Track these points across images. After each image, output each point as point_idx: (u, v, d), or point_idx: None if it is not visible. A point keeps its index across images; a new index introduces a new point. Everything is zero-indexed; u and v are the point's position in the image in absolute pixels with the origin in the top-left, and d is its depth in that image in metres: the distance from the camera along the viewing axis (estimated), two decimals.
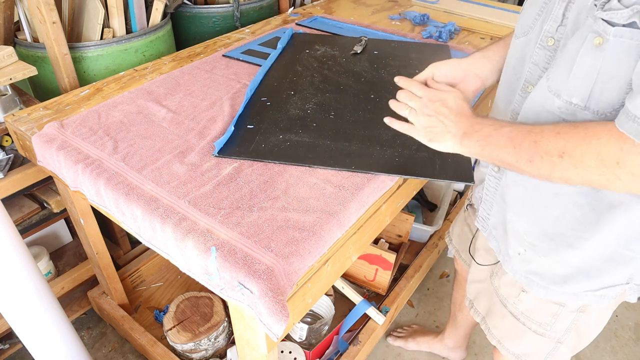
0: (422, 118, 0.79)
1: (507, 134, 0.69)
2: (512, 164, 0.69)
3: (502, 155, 0.69)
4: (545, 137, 0.65)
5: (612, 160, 0.59)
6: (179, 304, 1.52)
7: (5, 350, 1.51)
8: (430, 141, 0.79)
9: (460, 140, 0.75)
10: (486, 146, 0.71)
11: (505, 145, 0.69)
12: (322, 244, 0.79)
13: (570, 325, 0.87)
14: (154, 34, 1.53)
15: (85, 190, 0.97)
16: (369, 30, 1.70)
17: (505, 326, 0.96)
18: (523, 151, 0.66)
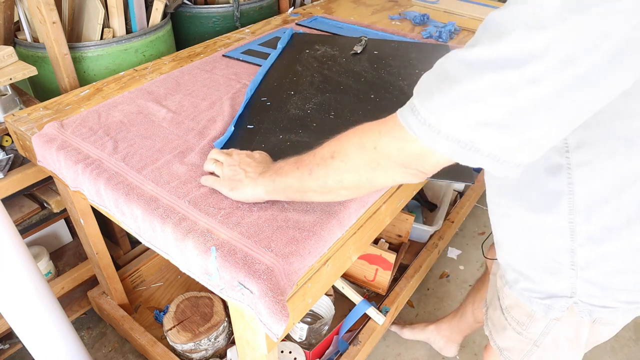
0: (227, 169, 0.82)
1: (294, 160, 0.71)
2: (298, 188, 0.69)
3: (288, 182, 0.71)
4: (322, 146, 0.66)
5: (371, 145, 0.59)
6: (179, 304, 1.52)
7: (5, 350, 1.51)
8: (231, 190, 0.80)
9: (256, 180, 0.77)
10: (276, 178, 0.73)
11: (290, 170, 0.70)
12: (322, 244, 0.79)
13: (544, 330, 0.84)
14: (154, 34, 1.53)
15: (85, 190, 0.97)
16: (369, 30, 1.70)
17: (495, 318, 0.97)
18: (304, 167, 0.67)
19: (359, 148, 0.61)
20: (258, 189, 0.76)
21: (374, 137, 0.59)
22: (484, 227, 2.16)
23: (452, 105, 0.50)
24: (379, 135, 0.59)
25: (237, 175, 0.80)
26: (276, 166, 0.76)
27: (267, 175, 0.76)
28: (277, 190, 0.74)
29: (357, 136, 0.62)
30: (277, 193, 0.75)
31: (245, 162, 0.82)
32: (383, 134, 0.58)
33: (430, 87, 0.53)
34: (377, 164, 0.60)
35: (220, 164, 0.84)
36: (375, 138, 0.59)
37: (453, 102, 0.50)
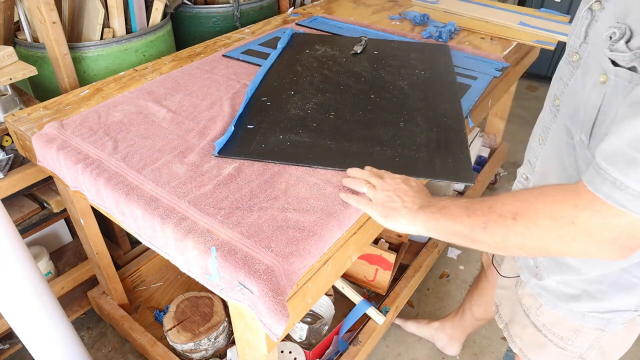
0: (381, 194, 0.78)
1: (463, 204, 0.68)
2: (466, 235, 0.66)
3: (456, 227, 0.67)
4: (500, 201, 0.63)
5: (566, 219, 0.56)
6: (179, 304, 1.52)
7: (5, 350, 1.51)
8: (385, 217, 0.76)
9: (415, 213, 0.73)
10: (440, 218, 0.69)
11: (459, 215, 0.67)
12: (322, 244, 0.79)
13: (593, 343, 0.83)
14: (154, 34, 1.53)
15: (85, 190, 0.97)
16: (369, 30, 1.70)
17: (526, 336, 0.94)
18: (477, 218, 0.64)
19: (551, 219, 0.57)
20: (417, 224, 0.72)
21: (571, 210, 0.55)
22: None
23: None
24: (577, 209, 0.55)
25: (392, 202, 0.76)
26: (439, 204, 0.72)
27: (430, 212, 0.71)
28: (438, 230, 0.70)
29: (548, 205, 0.58)
30: (438, 233, 0.71)
31: (401, 189, 0.78)
32: (582, 209, 0.54)
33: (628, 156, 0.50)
34: (572, 238, 0.56)
35: (373, 187, 0.80)
36: (572, 212, 0.55)
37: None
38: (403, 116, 1.13)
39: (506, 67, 1.45)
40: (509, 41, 1.65)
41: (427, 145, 1.02)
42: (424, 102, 1.19)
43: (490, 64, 1.45)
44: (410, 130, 1.07)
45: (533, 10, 1.94)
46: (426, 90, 1.25)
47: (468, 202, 0.67)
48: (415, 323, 1.63)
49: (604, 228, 0.54)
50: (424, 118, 1.13)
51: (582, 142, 0.65)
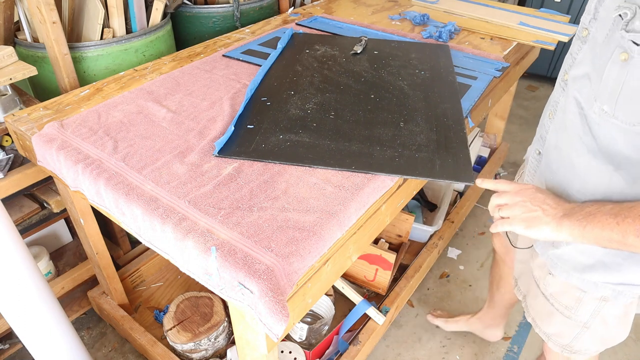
0: (517, 208, 0.79)
1: (610, 211, 0.69)
2: (618, 241, 0.68)
3: (605, 234, 0.69)
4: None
5: None
6: (179, 304, 1.52)
7: (5, 350, 1.51)
8: (527, 228, 0.77)
9: (560, 221, 0.74)
10: (587, 225, 0.71)
11: (607, 223, 0.68)
12: (322, 244, 0.79)
13: (594, 311, 0.88)
14: (154, 34, 1.53)
15: (85, 190, 0.97)
16: (369, 30, 1.70)
17: (537, 306, 0.99)
18: (628, 225, 0.66)
19: None
20: (562, 232, 0.74)
21: None
22: (484, 227, 2.16)
23: None
24: None
25: (531, 212, 0.77)
26: (584, 210, 0.73)
27: (575, 219, 0.73)
28: (585, 237, 0.72)
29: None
30: (584, 239, 0.72)
31: (538, 198, 0.78)
32: None
33: None
34: None
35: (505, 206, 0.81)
36: None
37: None
38: (403, 116, 1.13)
39: (506, 67, 1.45)
40: (509, 41, 1.65)
41: (427, 145, 1.02)
42: (424, 102, 1.19)
43: (490, 64, 1.45)
44: (410, 130, 1.07)
45: (533, 10, 1.94)
46: (426, 90, 1.25)
47: (615, 208, 0.69)
48: (455, 323, 1.66)
49: None
50: (424, 118, 1.13)
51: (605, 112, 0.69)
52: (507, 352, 1.63)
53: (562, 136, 0.82)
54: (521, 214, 0.78)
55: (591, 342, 0.95)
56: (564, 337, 0.97)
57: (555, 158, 0.85)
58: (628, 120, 0.66)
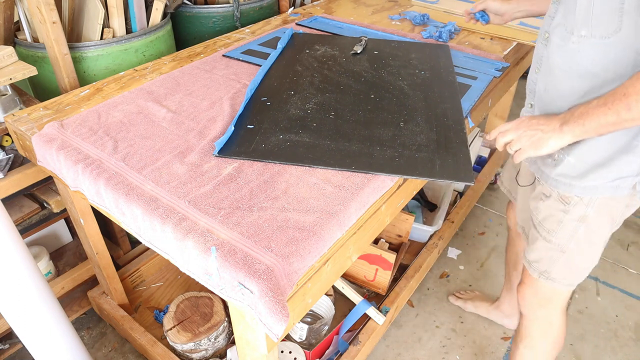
0: (523, 139, 0.92)
1: (597, 103, 0.81)
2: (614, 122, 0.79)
3: (602, 120, 0.80)
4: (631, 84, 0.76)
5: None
6: (179, 304, 1.52)
7: (5, 350, 1.51)
8: (538, 149, 0.90)
9: (560, 129, 0.86)
10: (585, 122, 0.82)
11: (601, 111, 0.80)
12: (322, 244, 0.79)
13: (571, 234, 1.02)
14: (154, 34, 1.53)
15: (85, 190, 0.97)
16: (369, 30, 1.70)
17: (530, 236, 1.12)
18: (618, 104, 0.78)
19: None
20: (565, 137, 0.86)
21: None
22: (484, 227, 2.16)
23: None
24: None
25: (535, 135, 0.90)
26: (576, 113, 0.84)
27: (572, 122, 0.84)
28: (587, 132, 0.84)
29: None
30: (586, 133, 0.84)
31: (532, 124, 0.91)
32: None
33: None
34: None
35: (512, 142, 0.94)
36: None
37: None
38: (403, 116, 1.13)
39: (506, 67, 1.45)
40: (509, 41, 1.65)
41: (427, 145, 1.02)
42: (424, 102, 1.19)
43: (490, 64, 1.45)
44: (410, 130, 1.07)
45: None
46: (426, 90, 1.25)
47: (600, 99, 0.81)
48: (473, 305, 1.74)
49: None
50: (424, 118, 1.13)
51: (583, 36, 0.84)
52: (507, 352, 1.63)
53: (549, 79, 0.95)
54: (527, 141, 0.91)
55: (567, 269, 1.07)
56: (542, 262, 1.09)
57: (546, 99, 0.98)
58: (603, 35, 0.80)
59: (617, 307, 1.80)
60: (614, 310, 1.79)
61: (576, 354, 1.62)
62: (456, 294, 1.80)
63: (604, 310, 1.78)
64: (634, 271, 1.96)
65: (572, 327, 1.71)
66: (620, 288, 1.88)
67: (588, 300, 1.82)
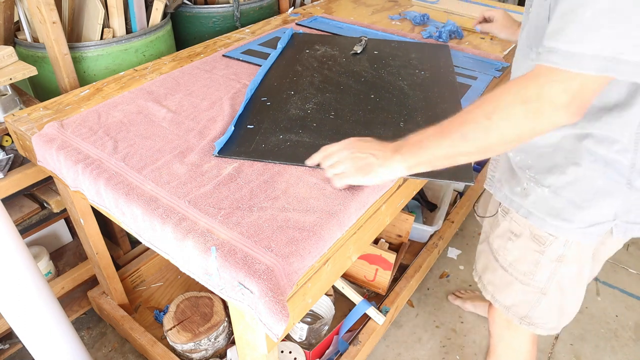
0: (348, 162, 0.82)
1: (433, 131, 0.74)
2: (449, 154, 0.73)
3: (438, 152, 0.74)
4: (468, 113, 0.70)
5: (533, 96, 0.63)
6: (179, 304, 1.52)
7: (5, 350, 1.51)
8: (365, 175, 0.81)
9: (392, 157, 0.78)
10: (418, 151, 0.76)
11: (435, 141, 0.74)
12: (322, 244, 0.79)
13: (551, 275, 0.93)
14: (154, 34, 1.53)
15: (85, 190, 0.97)
16: (369, 30, 1.70)
17: (496, 279, 1.03)
18: (453, 134, 0.71)
19: (521, 103, 0.64)
20: (395, 168, 0.78)
21: (536, 89, 0.63)
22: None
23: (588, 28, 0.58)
24: (540, 86, 0.63)
25: (363, 160, 0.81)
26: (410, 141, 0.77)
27: (404, 151, 0.77)
28: (421, 163, 0.76)
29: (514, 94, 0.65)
30: (420, 165, 0.77)
31: (366, 145, 0.83)
32: (543, 84, 0.63)
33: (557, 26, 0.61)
34: (540, 112, 0.64)
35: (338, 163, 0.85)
36: (537, 89, 0.63)
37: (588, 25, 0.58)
38: (403, 116, 1.13)
39: (506, 67, 1.45)
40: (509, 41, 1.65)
41: None
42: (424, 102, 1.19)
43: (490, 64, 1.45)
44: (410, 130, 1.06)
45: None
46: (426, 90, 1.25)
47: (437, 127, 0.74)
48: (472, 304, 1.72)
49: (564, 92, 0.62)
50: (424, 118, 1.13)
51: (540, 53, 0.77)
52: None
53: None
54: (353, 164, 0.81)
55: (548, 312, 0.98)
56: (522, 306, 0.99)
57: None
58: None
59: (617, 307, 1.80)
60: (614, 310, 1.79)
61: (576, 354, 1.62)
62: (456, 293, 1.79)
63: (604, 310, 1.78)
64: (634, 271, 1.96)
65: (572, 327, 1.71)
66: (620, 288, 1.88)
67: (588, 300, 1.82)
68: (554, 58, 0.61)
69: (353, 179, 0.82)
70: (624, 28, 0.57)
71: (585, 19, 0.58)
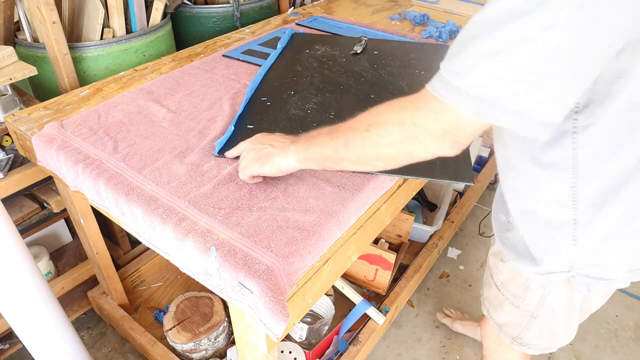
0: (250, 153, 0.84)
1: (328, 131, 0.73)
2: (333, 157, 0.71)
3: (323, 151, 0.72)
4: (357, 119, 0.68)
5: (409, 121, 0.60)
6: (179, 304, 1.52)
7: (5, 350, 1.51)
8: (262, 165, 0.81)
9: (287, 148, 0.78)
10: (309, 147, 0.75)
11: (324, 141, 0.72)
12: (322, 244, 0.79)
13: (540, 300, 0.88)
14: (154, 34, 1.53)
15: (85, 190, 0.97)
16: (369, 30, 1.70)
17: (491, 296, 1.01)
18: (339, 138, 0.69)
19: (397, 125, 0.62)
20: (289, 158, 0.77)
21: (412, 112, 0.60)
22: (484, 227, 2.16)
23: (471, 64, 0.52)
24: (417, 110, 0.59)
25: (262, 150, 0.81)
26: (307, 136, 0.77)
27: (300, 144, 0.77)
28: (310, 159, 0.75)
29: (395, 112, 0.62)
30: (309, 162, 0.76)
31: (267, 138, 0.83)
32: (420, 109, 0.59)
33: (452, 52, 0.56)
34: (415, 138, 0.61)
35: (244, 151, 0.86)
36: (413, 114, 0.60)
37: (472, 61, 0.52)
38: None
39: None
40: None
41: None
42: None
43: None
44: None
45: None
46: None
47: (331, 128, 0.72)
48: (462, 325, 1.65)
49: (437, 123, 0.58)
50: None
51: None
52: None
53: None
54: (253, 155, 0.82)
55: (540, 335, 0.94)
56: (513, 327, 0.97)
57: None
58: None
59: (617, 307, 1.80)
60: (614, 310, 1.79)
61: (576, 354, 1.62)
62: (444, 311, 1.72)
63: (604, 310, 1.78)
64: None
65: None
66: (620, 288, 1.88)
67: None
68: (437, 85, 0.57)
69: (252, 169, 0.82)
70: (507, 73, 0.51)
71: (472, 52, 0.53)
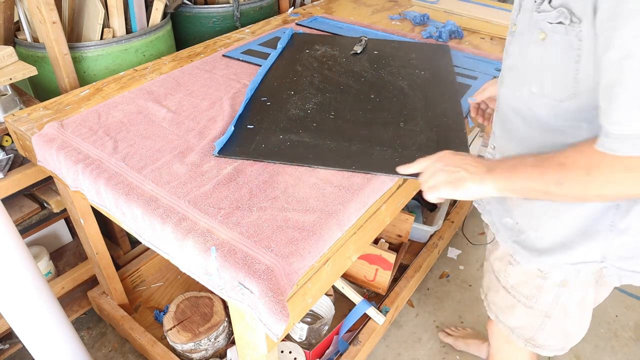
0: (440, 174, 0.80)
1: (532, 163, 0.71)
2: (541, 191, 0.70)
3: (529, 185, 0.71)
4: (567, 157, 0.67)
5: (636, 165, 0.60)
6: (179, 304, 1.52)
7: (5, 350, 1.51)
8: (455, 189, 0.78)
9: (484, 176, 0.75)
10: (512, 177, 0.72)
11: (531, 173, 0.70)
12: (322, 244, 0.79)
13: (554, 299, 0.89)
14: (154, 34, 1.53)
15: (85, 190, 0.97)
16: (369, 30, 1.70)
17: (499, 300, 1.00)
18: (550, 175, 0.68)
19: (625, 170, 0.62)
20: (487, 186, 0.75)
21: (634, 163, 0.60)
22: (484, 227, 2.16)
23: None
24: None
25: (455, 174, 0.78)
26: (506, 164, 0.75)
27: (498, 173, 0.74)
28: (510, 189, 0.74)
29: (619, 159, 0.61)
30: (509, 191, 0.74)
31: (457, 159, 0.80)
32: None
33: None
34: None
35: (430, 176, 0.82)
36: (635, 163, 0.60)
37: None
38: (403, 116, 1.13)
39: None
40: None
41: (427, 145, 1.02)
42: (424, 102, 1.19)
43: (490, 64, 1.45)
44: (410, 130, 1.08)
45: None
46: (426, 90, 1.25)
47: (536, 160, 0.71)
48: (465, 343, 1.62)
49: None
50: (424, 118, 1.13)
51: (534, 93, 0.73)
52: None
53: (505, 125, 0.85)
54: (445, 178, 0.79)
55: (554, 335, 0.95)
56: (526, 329, 0.97)
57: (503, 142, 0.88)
58: (557, 97, 0.70)
59: (617, 307, 1.80)
60: (614, 310, 1.79)
61: (576, 354, 1.62)
62: (446, 330, 1.68)
63: (604, 310, 1.78)
64: None
65: None
66: (620, 288, 1.88)
67: None
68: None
69: (444, 192, 0.80)
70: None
71: None
